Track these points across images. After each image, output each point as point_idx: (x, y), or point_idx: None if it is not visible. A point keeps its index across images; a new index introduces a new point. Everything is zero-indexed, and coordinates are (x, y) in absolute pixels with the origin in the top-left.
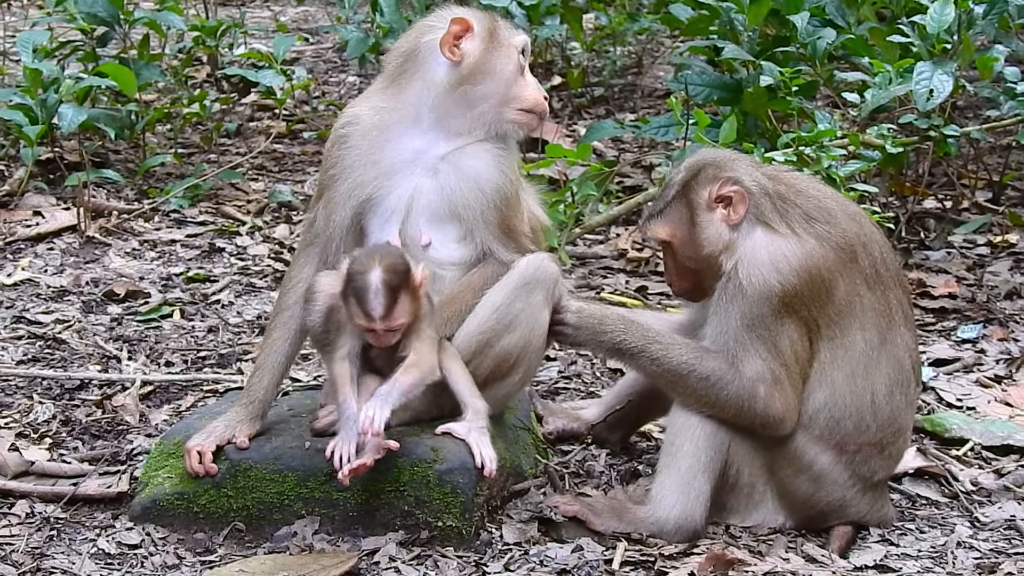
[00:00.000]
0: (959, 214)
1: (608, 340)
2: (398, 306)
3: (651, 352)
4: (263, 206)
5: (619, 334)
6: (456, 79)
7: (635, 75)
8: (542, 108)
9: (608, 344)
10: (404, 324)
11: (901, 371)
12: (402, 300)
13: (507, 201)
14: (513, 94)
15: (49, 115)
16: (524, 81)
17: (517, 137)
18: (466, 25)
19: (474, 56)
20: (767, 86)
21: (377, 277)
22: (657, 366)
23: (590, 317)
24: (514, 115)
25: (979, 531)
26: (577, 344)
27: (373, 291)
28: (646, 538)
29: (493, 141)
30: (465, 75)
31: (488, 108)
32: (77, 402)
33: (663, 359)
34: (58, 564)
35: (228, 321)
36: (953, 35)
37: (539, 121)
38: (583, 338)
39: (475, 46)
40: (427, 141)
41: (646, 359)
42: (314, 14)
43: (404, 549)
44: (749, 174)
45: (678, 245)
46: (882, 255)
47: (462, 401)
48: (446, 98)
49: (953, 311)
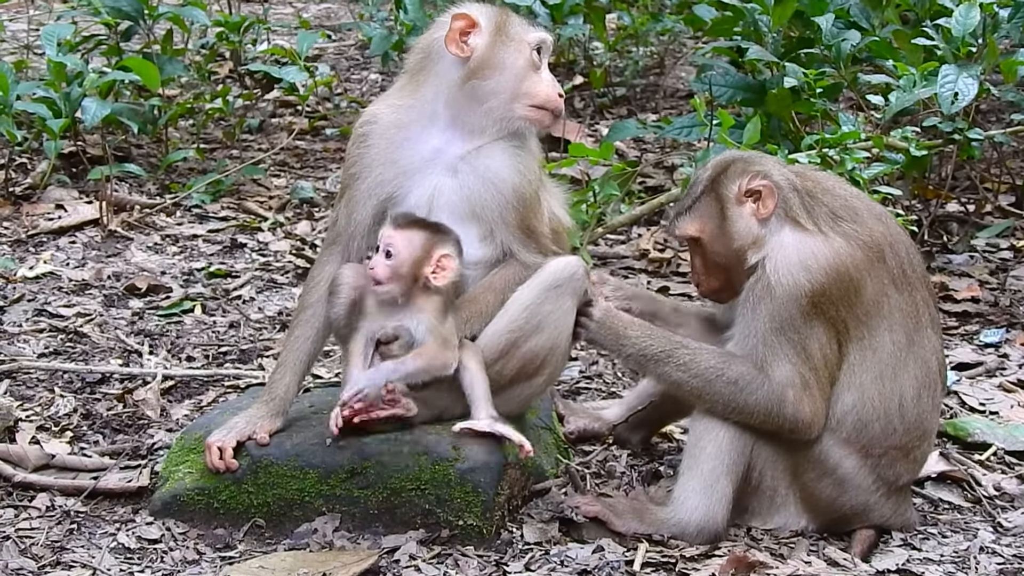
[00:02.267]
0: (982, 218)
1: (631, 345)
2: (412, 242)
3: (677, 358)
4: (285, 202)
5: (643, 339)
6: (465, 74)
7: (657, 75)
8: (555, 104)
9: (631, 349)
10: (401, 267)
11: (928, 373)
12: (421, 242)
13: (526, 202)
14: (524, 89)
15: (72, 109)
16: (537, 77)
17: (531, 134)
18: (470, 20)
19: (481, 51)
20: (791, 88)
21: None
22: (683, 372)
23: (616, 319)
24: (525, 111)
25: (1002, 536)
26: (596, 342)
27: (409, 214)
28: (667, 540)
29: (512, 140)
30: (473, 70)
31: (498, 104)
32: (98, 396)
33: (689, 365)
34: (78, 558)
35: (249, 317)
36: (978, 38)
37: (552, 118)
38: (605, 338)
39: (482, 41)
40: (445, 140)
41: (672, 365)
42: (336, 11)
43: (424, 547)
44: (777, 170)
45: (707, 241)
46: (908, 256)
47: (473, 400)
48: (458, 94)
49: (976, 315)
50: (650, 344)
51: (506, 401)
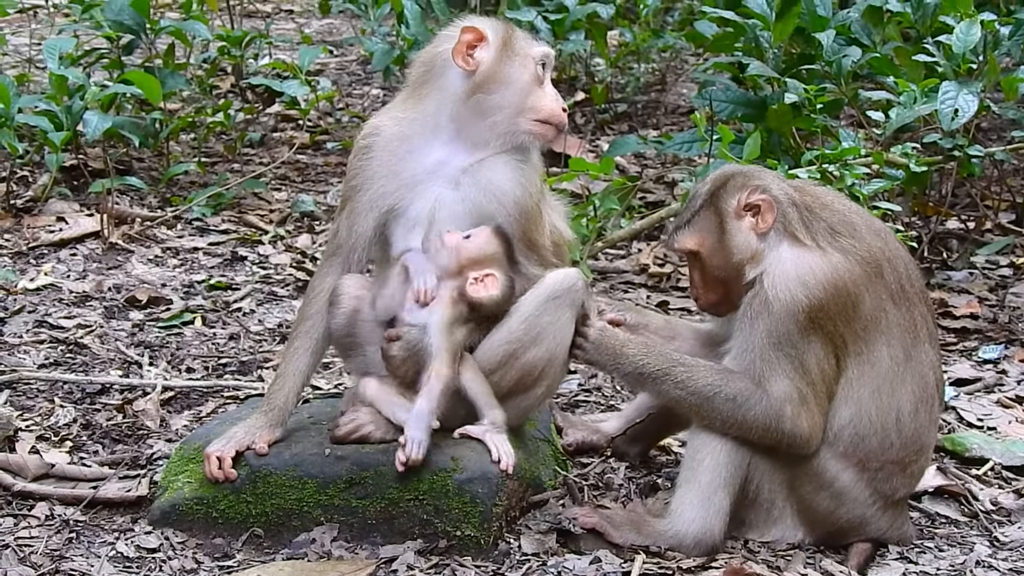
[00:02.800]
0: (982, 235)
1: (628, 363)
2: (489, 244)
3: (675, 375)
4: (285, 215)
5: (640, 357)
6: (470, 88)
7: (659, 92)
8: (559, 119)
9: (628, 367)
10: (464, 252)
11: (926, 388)
12: (490, 250)
13: (528, 215)
14: (529, 104)
15: (74, 122)
16: (541, 92)
17: (534, 148)
18: (478, 34)
19: (487, 65)
20: (791, 103)
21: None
22: (681, 389)
23: (613, 338)
24: (529, 125)
25: (998, 551)
26: (593, 363)
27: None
28: (664, 551)
29: (514, 154)
30: (479, 83)
31: (503, 118)
32: (98, 406)
33: (687, 382)
34: (77, 567)
35: (249, 329)
36: (979, 55)
37: (556, 133)
38: (602, 358)
39: (489, 55)
40: (448, 152)
41: (670, 383)
42: (339, 26)
43: (422, 558)
44: (777, 184)
45: (706, 255)
46: (907, 271)
47: (480, 409)
48: (462, 108)
49: (975, 331)
50: (647, 362)
51: (504, 412)
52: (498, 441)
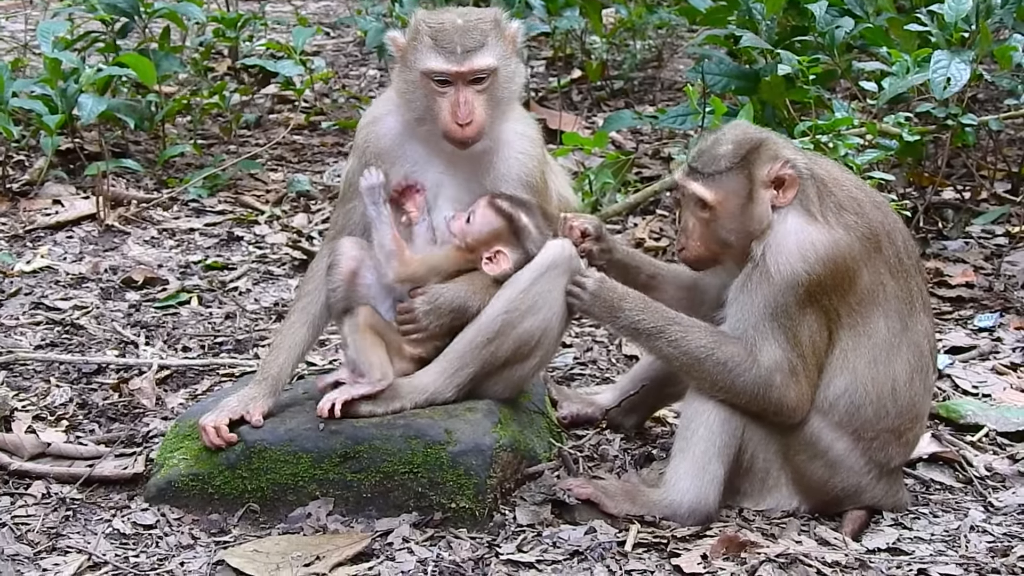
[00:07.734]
0: (977, 204)
1: (625, 318)
2: (490, 223)
3: (669, 334)
4: (281, 196)
5: (637, 312)
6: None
7: (655, 68)
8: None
9: (624, 321)
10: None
11: (921, 357)
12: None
13: (533, 188)
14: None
15: (69, 105)
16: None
17: (532, 120)
18: (394, 41)
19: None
20: (785, 75)
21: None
22: (674, 348)
23: (611, 291)
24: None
25: (992, 515)
26: (589, 314)
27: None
28: (659, 521)
29: (514, 126)
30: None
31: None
32: (94, 386)
33: (681, 342)
34: (73, 544)
35: (245, 308)
36: (971, 24)
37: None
38: (598, 310)
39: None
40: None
41: (663, 340)
42: (335, 8)
43: (417, 530)
44: (800, 158)
45: (721, 213)
46: (905, 243)
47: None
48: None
49: (970, 300)
50: (643, 318)
51: (499, 383)
52: (341, 395)
